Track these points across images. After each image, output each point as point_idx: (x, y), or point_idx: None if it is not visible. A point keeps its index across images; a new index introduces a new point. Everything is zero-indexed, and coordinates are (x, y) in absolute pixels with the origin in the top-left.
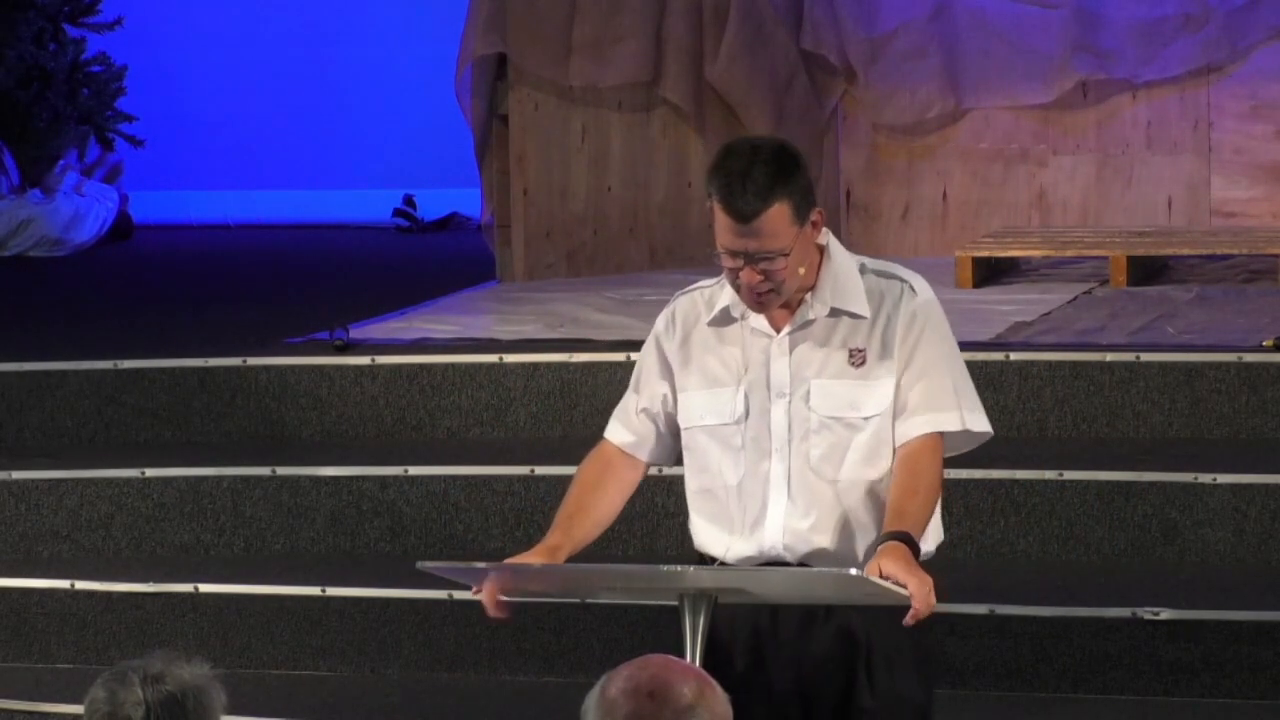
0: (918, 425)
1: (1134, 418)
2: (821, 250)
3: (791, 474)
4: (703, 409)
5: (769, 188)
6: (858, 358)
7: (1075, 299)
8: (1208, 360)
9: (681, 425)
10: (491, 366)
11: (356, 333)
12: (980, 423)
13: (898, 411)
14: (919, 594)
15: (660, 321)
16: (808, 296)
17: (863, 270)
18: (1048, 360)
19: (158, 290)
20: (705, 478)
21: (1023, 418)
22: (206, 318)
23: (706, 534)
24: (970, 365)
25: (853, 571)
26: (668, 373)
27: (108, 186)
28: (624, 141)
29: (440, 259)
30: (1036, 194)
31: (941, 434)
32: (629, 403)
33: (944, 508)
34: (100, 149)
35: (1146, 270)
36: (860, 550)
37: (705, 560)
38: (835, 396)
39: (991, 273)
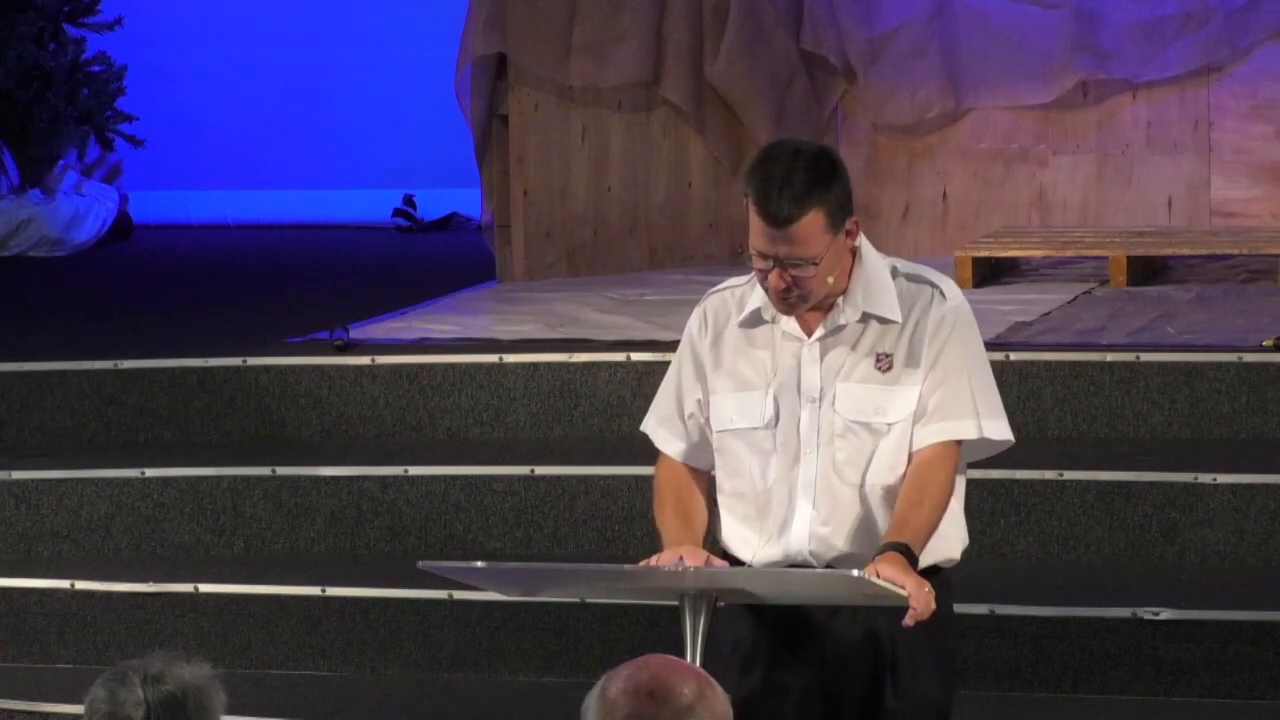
0: (933, 433)
1: (1134, 418)
2: (854, 253)
3: (818, 478)
4: (733, 412)
5: (805, 195)
6: (885, 363)
7: (1075, 299)
8: (1208, 360)
9: (713, 428)
10: (491, 366)
11: (356, 333)
12: (999, 431)
13: (917, 416)
14: (916, 594)
15: (693, 321)
16: (839, 301)
17: (894, 274)
18: (1048, 360)
19: (158, 290)
20: (738, 481)
21: (1023, 418)
22: (206, 318)
23: (735, 536)
24: None
25: (854, 573)
26: (702, 375)
27: (108, 186)
28: (624, 141)
29: (440, 259)
30: (1036, 194)
31: (958, 442)
32: (672, 410)
33: None
34: (100, 149)
35: (1146, 270)
36: None
37: (732, 562)
38: (860, 400)
39: (991, 273)
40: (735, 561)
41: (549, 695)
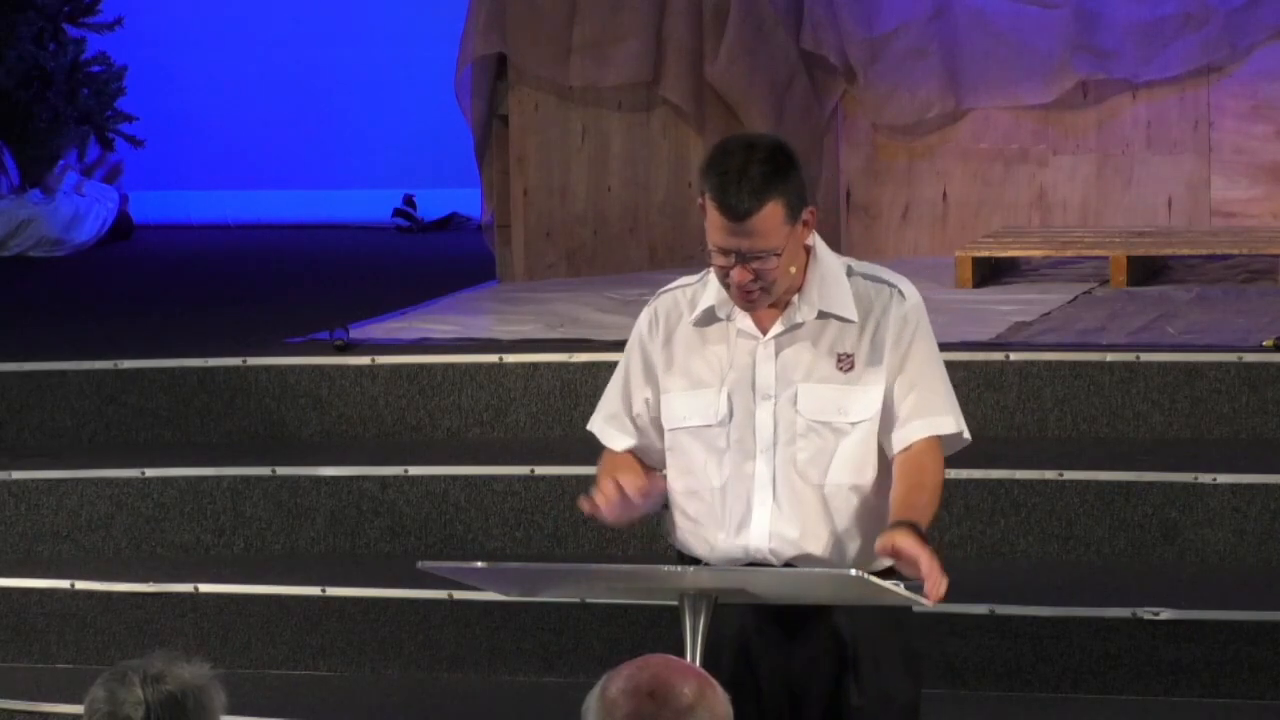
0: (918, 430)
1: (1134, 418)
2: (809, 251)
3: (777, 477)
4: (686, 410)
5: (764, 186)
6: (846, 362)
7: (1075, 299)
8: (1208, 360)
9: (665, 427)
10: (491, 366)
11: (356, 333)
12: (965, 427)
13: (893, 418)
14: (930, 572)
15: (643, 321)
16: (795, 298)
17: (849, 273)
18: (1048, 360)
19: (158, 290)
20: (690, 479)
21: (1023, 418)
22: (206, 318)
23: (690, 534)
24: (970, 365)
25: (853, 573)
26: (652, 375)
27: (108, 186)
28: (624, 141)
29: (440, 259)
30: (1036, 194)
31: (940, 438)
32: (619, 407)
33: (944, 507)
34: (100, 149)
35: (1146, 270)
36: (847, 555)
37: (685, 559)
38: (823, 400)
39: (991, 273)
40: (691, 560)
41: (549, 695)
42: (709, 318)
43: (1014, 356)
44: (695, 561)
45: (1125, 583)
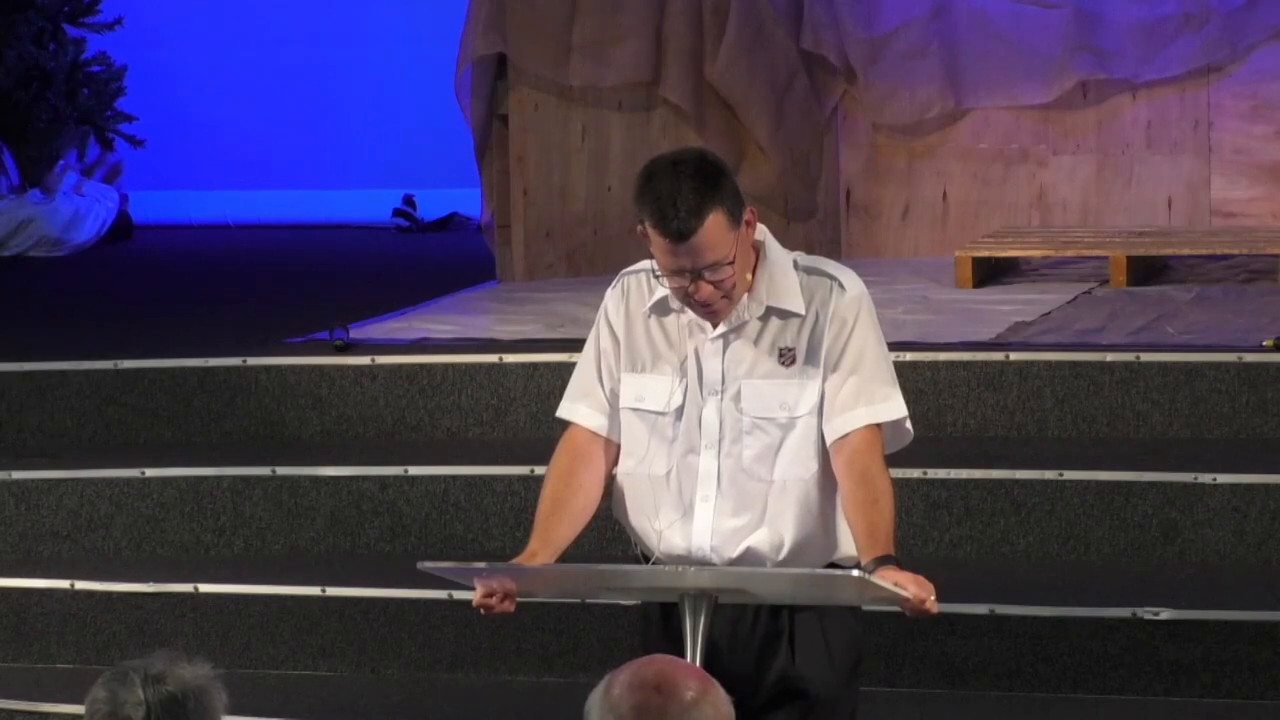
0: (858, 418)
1: (1134, 418)
2: (758, 248)
3: (722, 474)
4: (640, 392)
5: (699, 202)
6: (787, 357)
7: (1075, 299)
8: (1208, 360)
9: (620, 404)
10: (491, 366)
11: (356, 333)
12: (906, 415)
13: (830, 407)
14: (919, 588)
15: (610, 300)
16: (744, 296)
17: (795, 266)
18: (1048, 360)
19: (158, 290)
20: (630, 462)
21: (1023, 418)
22: (206, 318)
23: (635, 516)
24: (970, 365)
25: (854, 573)
26: (616, 350)
27: (108, 186)
28: (624, 141)
29: (440, 259)
30: (1036, 194)
31: (880, 428)
32: (592, 383)
33: (944, 507)
34: (100, 149)
35: (1146, 270)
36: (785, 550)
37: (638, 545)
38: (766, 397)
39: (991, 273)
40: (638, 544)
41: (549, 695)
42: (663, 308)
43: (1014, 356)
44: (648, 558)
45: (1125, 583)
